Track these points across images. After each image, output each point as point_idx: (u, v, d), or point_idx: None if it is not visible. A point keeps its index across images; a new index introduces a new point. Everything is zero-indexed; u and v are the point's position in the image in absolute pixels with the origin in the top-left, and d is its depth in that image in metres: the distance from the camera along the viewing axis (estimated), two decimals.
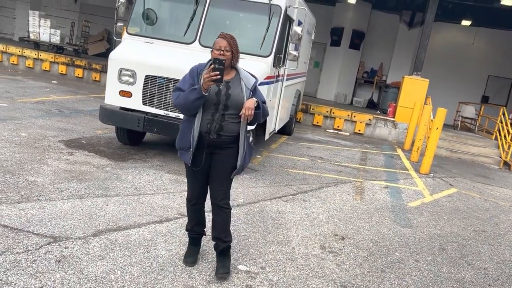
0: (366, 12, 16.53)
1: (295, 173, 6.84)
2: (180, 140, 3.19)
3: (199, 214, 3.42)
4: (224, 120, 3.09)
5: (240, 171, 3.24)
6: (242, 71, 3.20)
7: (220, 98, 3.07)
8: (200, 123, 3.08)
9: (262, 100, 3.20)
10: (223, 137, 3.12)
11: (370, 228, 4.91)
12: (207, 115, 3.08)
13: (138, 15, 6.68)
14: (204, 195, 3.37)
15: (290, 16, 6.91)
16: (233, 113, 3.10)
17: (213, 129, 3.08)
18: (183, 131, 3.16)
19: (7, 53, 15.05)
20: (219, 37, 3.07)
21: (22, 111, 7.97)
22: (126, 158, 6.09)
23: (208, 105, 3.06)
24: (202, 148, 3.12)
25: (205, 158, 3.16)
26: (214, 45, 3.05)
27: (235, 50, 3.09)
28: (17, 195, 4.18)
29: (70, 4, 19.71)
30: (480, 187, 8.21)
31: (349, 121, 12.61)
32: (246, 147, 3.21)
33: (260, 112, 3.10)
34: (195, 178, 3.26)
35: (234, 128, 3.14)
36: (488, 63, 17.00)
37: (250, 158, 3.32)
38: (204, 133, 3.09)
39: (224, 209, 3.25)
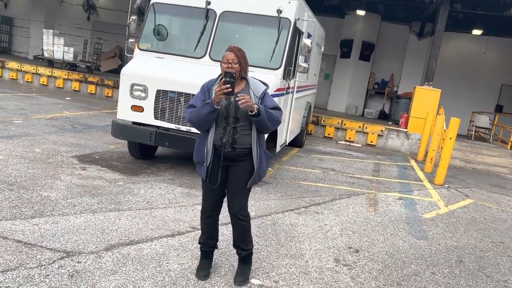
0: (376, 24, 16.55)
1: (307, 185, 6.79)
2: (196, 155, 3.25)
3: (212, 227, 3.42)
4: (237, 133, 3.11)
5: (256, 179, 3.23)
6: (252, 80, 3.21)
7: (229, 111, 3.09)
8: (213, 137, 3.12)
9: (272, 106, 3.17)
10: (237, 150, 3.15)
11: (385, 240, 4.83)
12: (219, 129, 3.12)
13: (149, 31, 6.77)
14: (218, 208, 3.37)
15: (299, 28, 6.94)
16: (244, 124, 3.11)
17: (227, 142, 3.11)
18: (198, 146, 3.22)
19: (22, 71, 15.36)
20: (226, 51, 3.11)
21: (36, 128, 8.09)
22: (138, 172, 6.12)
23: (220, 119, 3.11)
24: (218, 161, 3.16)
25: (222, 171, 3.19)
26: (222, 58, 3.09)
27: (243, 62, 3.11)
28: (31, 210, 4.21)
29: (83, 22, 20.11)
30: (496, 197, 8.04)
31: (360, 133, 12.53)
32: (261, 155, 3.21)
33: (260, 120, 3.04)
34: (210, 191, 3.28)
35: (247, 140, 3.15)
36: (501, 72, 16.82)
37: (267, 166, 3.32)
38: (219, 146, 3.13)
39: (242, 220, 3.28)
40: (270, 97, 3.23)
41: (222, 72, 3.06)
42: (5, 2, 21.21)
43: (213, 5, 6.53)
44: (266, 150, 3.31)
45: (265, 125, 3.12)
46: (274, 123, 3.18)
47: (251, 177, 3.21)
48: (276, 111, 3.18)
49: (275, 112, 3.16)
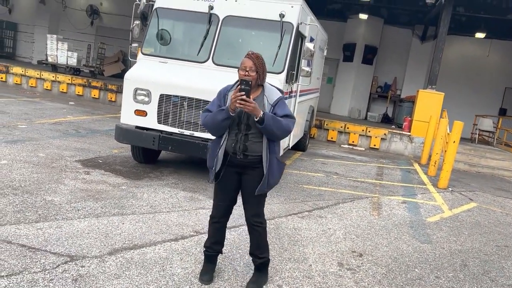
0: (378, 27, 16.57)
1: (311, 189, 6.78)
2: (208, 160, 3.26)
3: (219, 233, 3.43)
4: (248, 140, 3.11)
5: (265, 187, 3.17)
6: (268, 87, 3.20)
7: (241, 118, 3.09)
8: (226, 144, 3.14)
9: (283, 113, 3.11)
10: (249, 157, 3.14)
11: (389, 244, 4.82)
12: (231, 136, 3.13)
13: (152, 36, 6.81)
14: (227, 214, 3.38)
15: (302, 32, 6.96)
16: (255, 132, 3.10)
17: (238, 149, 3.11)
18: (211, 151, 3.23)
19: (26, 76, 15.45)
20: (245, 57, 3.09)
21: (40, 132, 8.12)
22: (141, 177, 6.13)
23: (232, 126, 3.12)
24: (231, 167, 3.17)
25: (234, 178, 3.20)
26: (240, 65, 3.08)
27: (260, 70, 3.09)
28: (35, 214, 4.22)
29: (86, 27, 20.24)
30: (501, 201, 8.01)
31: (364, 136, 12.51)
32: (272, 163, 3.16)
33: (264, 127, 2.99)
34: (221, 196, 3.30)
35: (259, 147, 3.13)
36: (504, 75, 16.78)
37: (279, 175, 3.26)
38: (231, 153, 3.14)
39: (257, 226, 3.30)
40: (283, 105, 3.17)
41: (239, 79, 3.07)
42: (10, 8, 21.38)
43: (216, 9, 6.56)
44: (279, 159, 3.25)
45: (271, 133, 3.06)
46: (282, 131, 3.09)
47: None
48: (287, 119, 3.10)
49: (284, 120, 3.08)
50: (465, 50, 17.03)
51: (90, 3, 20.30)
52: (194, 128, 6.02)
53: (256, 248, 3.37)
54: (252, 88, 3.05)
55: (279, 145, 3.29)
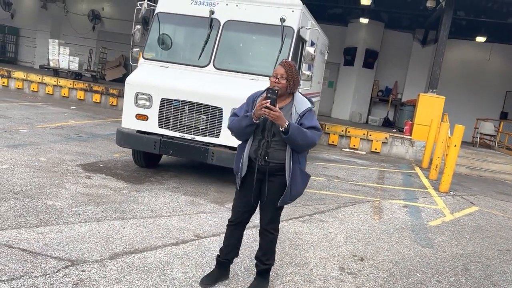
0: (379, 31, 16.59)
1: (312, 193, 6.77)
2: (234, 164, 3.29)
3: (234, 237, 3.41)
4: (270, 147, 3.11)
5: (288, 198, 3.14)
6: (298, 96, 3.19)
7: (266, 125, 3.10)
8: (249, 149, 3.16)
9: (310, 125, 3.06)
10: (271, 164, 3.14)
11: (390, 248, 4.80)
12: (255, 142, 3.15)
13: (153, 41, 6.83)
14: (245, 220, 3.38)
15: (302, 37, 6.98)
16: (279, 139, 3.08)
17: (260, 155, 3.12)
18: (237, 156, 3.26)
19: (27, 80, 15.50)
20: (279, 65, 3.12)
21: (42, 137, 8.14)
22: (142, 181, 6.13)
23: (257, 132, 3.13)
24: (252, 174, 3.18)
25: (256, 185, 3.20)
26: (273, 72, 3.11)
27: (291, 78, 3.08)
28: (36, 218, 4.23)
29: (88, 32, 20.31)
30: (502, 205, 7.99)
31: (365, 140, 12.51)
32: (295, 173, 3.11)
33: (288, 138, 2.96)
34: (240, 200, 3.32)
35: (281, 155, 3.12)
36: (505, 79, 16.77)
37: (303, 187, 3.23)
38: (254, 159, 3.16)
39: (270, 234, 3.33)
40: (311, 116, 3.12)
41: (269, 84, 3.10)
42: (12, 13, 21.48)
43: (217, 14, 6.58)
44: (303, 169, 3.19)
45: (295, 144, 3.03)
46: (306, 143, 3.06)
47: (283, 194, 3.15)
48: (313, 131, 3.06)
49: (310, 132, 3.03)
50: (466, 54, 17.05)
51: (92, 8, 20.39)
52: (195, 132, 6.03)
53: (263, 254, 3.37)
54: (282, 96, 3.06)
55: (305, 156, 3.23)
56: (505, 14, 13.35)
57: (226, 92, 5.94)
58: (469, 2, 12.73)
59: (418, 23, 15.96)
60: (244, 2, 6.62)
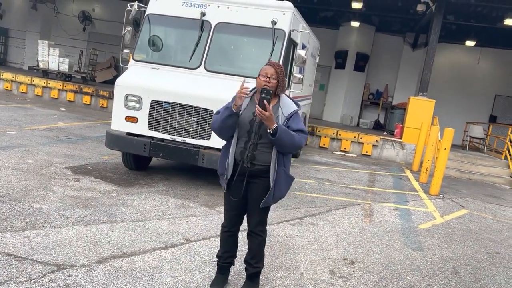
0: (370, 35, 16.69)
1: (303, 196, 6.76)
2: (219, 166, 3.24)
3: (230, 242, 3.37)
4: (257, 149, 3.07)
5: (270, 199, 3.13)
6: (284, 98, 3.16)
7: (253, 127, 3.05)
8: (235, 151, 3.10)
9: (297, 128, 3.05)
10: (256, 166, 3.10)
11: (380, 252, 4.80)
12: (240, 143, 3.10)
13: (144, 42, 6.78)
14: (237, 223, 3.34)
15: (294, 40, 6.97)
16: (266, 142, 3.05)
17: (246, 157, 3.08)
18: (221, 157, 3.21)
19: (16, 81, 15.32)
20: (267, 65, 3.08)
21: (30, 139, 8.03)
22: (132, 184, 6.07)
23: (242, 132, 3.09)
24: (239, 175, 3.12)
25: (241, 186, 3.14)
26: (260, 71, 3.05)
27: (281, 79, 3.06)
28: (22, 222, 4.15)
29: (78, 33, 20.15)
30: (492, 207, 8.04)
31: (356, 143, 12.55)
32: (280, 176, 3.10)
33: (276, 140, 2.93)
34: (230, 204, 3.27)
35: (267, 157, 3.09)
36: (494, 83, 16.97)
37: (287, 189, 3.21)
38: (239, 161, 3.11)
39: (258, 236, 3.28)
40: (297, 119, 3.12)
41: (258, 86, 3.03)
42: (1, 14, 21.24)
43: (208, 16, 6.56)
44: (288, 172, 3.18)
45: (283, 146, 3.02)
46: (293, 146, 3.04)
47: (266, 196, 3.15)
48: (300, 134, 3.05)
49: (297, 136, 3.02)
50: (456, 57, 17.21)
51: (82, 9, 20.23)
52: (185, 134, 5.98)
53: (252, 257, 3.33)
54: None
55: (289, 159, 3.23)
56: (494, 18, 13.50)
57: (216, 94, 5.90)
58: (458, 6, 12.85)
59: (409, 27, 16.08)
60: (235, 4, 6.61)
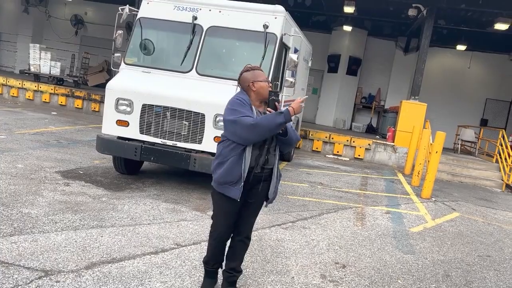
0: (362, 39, 16.77)
1: (295, 199, 6.75)
2: (227, 175, 3.01)
3: (219, 249, 3.28)
4: (269, 153, 3.09)
5: (275, 196, 3.24)
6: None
7: None
8: (250, 157, 3.02)
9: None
10: (265, 171, 3.12)
11: (372, 255, 4.79)
12: (255, 149, 3.04)
13: (135, 46, 6.75)
14: (230, 232, 3.27)
15: (285, 43, 6.98)
16: (274, 144, 3.12)
17: (260, 163, 3.06)
18: (231, 165, 3.00)
19: (7, 85, 15.18)
20: (258, 70, 3.11)
21: (20, 143, 7.95)
22: (123, 188, 6.02)
23: None
24: (246, 183, 3.07)
25: (243, 194, 3.10)
26: (257, 77, 3.06)
27: None
28: (10, 227, 4.09)
29: (70, 36, 20.05)
30: (483, 210, 8.08)
31: (348, 146, 12.57)
32: (279, 174, 3.23)
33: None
34: (229, 214, 3.15)
35: (274, 160, 3.15)
36: (485, 87, 17.10)
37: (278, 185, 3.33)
38: (251, 168, 3.05)
39: (248, 240, 3.32)
40: None
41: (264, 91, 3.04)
42: None
43: (199, 20, 6.55)
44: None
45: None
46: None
47: (265, 198, 3.22)
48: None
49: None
50: (447, 62, 17.34)
51: (74, 12, 20.14)
52: (177, 138, 5.96)
53: (239, 262, 3.31)
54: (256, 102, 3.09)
55: None
56: (484, 23, 13.62)
57: (208, 98, 5.89)
58: (449, 11, 12.95)
59: (401, 31, 16.18)
60: (227, 8, 6.61)
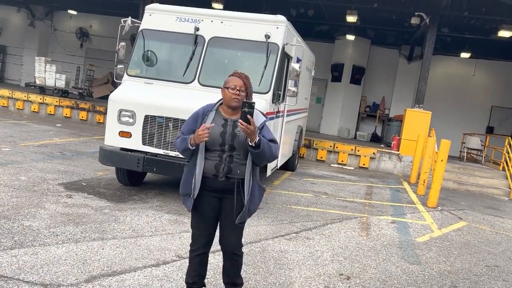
0: (366, 48, 16.77)
1: (299, 209, 6.68)
2: (182, 186, 3.01)
3: (200, 266, 3.14)
4: (233, 161, 2.92)
5: (246, 214, 2.98)
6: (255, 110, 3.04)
7: (225, 139, 2.90)
8: (203, 167, 2.91)
9: (270, 138, 3.00)
10: (231, 180, 2.94)
11: (377, 266, 4.71)
12: (213, 157, 2.91)
13: (138, 57, 6.78)
14: (209, 245, 3.13)
15: (287, 53, 6.98)
16: (240, 153, 2.93)
17: (222, 171, 2.91)
18: (186, 176, 2.99)
19: (13, 98, 15.30)
20: (233, 76, 2.94)
21: (24, 155, 7.97)
22: (125, 199, 6.00)
23: (213, 146, 2.91)
24: (210, 192, 2.95)
25: (214, 204, 2.99)
26: (227, 83, 2.91)
27: (249, 91, 2.97)
28: (11, 240, 4.07)
29: (76, 49, 20.24)
30: (490, 219, 7.96)
31: (353, 155, 12.50)
32: (254, 188, 2.99)
33: (259, 152, 2.84)
34: (200, 225, 3.04)
35: (243, 170, 2.95)
36: (490, 94, 17.00)
37: (260, 201, 3.10)
38: (212, 175, 2.92)
39: (237, 256, 3.13)
40: (268, 129, 3.07)
41: (225, 98, 2.91)
42: None
43: (201, 31, 6.57)
44: (260, 183, 3.09)
45: (263, 158, 2.92)
46: (272, 157, 2.98)
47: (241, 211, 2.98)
48: (274, 144, 2.98)
49: (274, 146, 2.97)
50: (451, 69, 17.28)
51: (79, 25, 20.36)
52: None
53: (234, 276, 3.18)
54: (238, 108, 2.89)
55: (258, 170, 3.13)
56: (488, 30, 13.58)
57: None
58: (452, 19, 12.93)
59: (404, 39, 16.17)
60: (229, 18, 6.64)
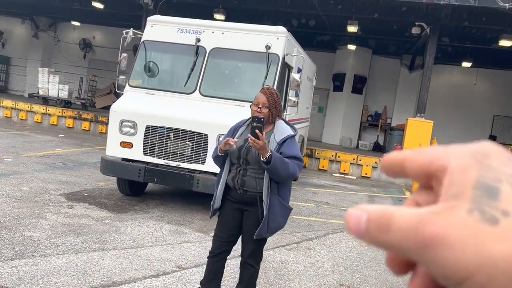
0: (367, 58, 16.84)
1: (300, 219, 6.67)
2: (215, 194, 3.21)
3: (216, 269, 3.20)
4: (246, 175, 3.01)
5: (264, 230, 2.96)
6: (280, 124, 3.09)
7: (241, 152, 3.01)
8: (227, 178, 3.08)
9: (290, 154, 2.95)
10: (248, 193, 3.02)
11: (378, 277, 4.69)
12: (233, 170, 3.07)
13: (139, 68, 6.84)
14: (226, 251, 3.20)
15: (288, 63, 7.02)
16: (255, 167, 2.98)
17: (237, 183, 3.03)
18: (215, 184, 3.19)
19: (16, 109, 15.41)
20: (260, 92, 3.05)
21: (26, 165, 8.01)
22: (126, 210, 6.01)
23: (234, 159, 3.06)
24: (232, 202, 3.09)
25: (236, 214, 3.10)
26: (254, 99, 3.04)
27: (273, 107, 3.00)
28: (11, 251, 4.08)
29: (79, 60, 20.41)
30: None
31: (355, 165, 12.48)
32: (274, 205, 2.96)
33: (270, 168, 2.80)
34: (221, 232, 3.18)
35: (259, 184, 2.98)
36: (492, 103, 16.99)
37: (284, 220, 3.08)
38: (232, 187, 3.07)
39: (249, 266, 3.16)
40: (291, 145, 3.02)
41: (251, 114, 3.02)
42: (3, 42, 21.57)
43: (203, 42, 6.63)
44: (284, 202, 3.03)
45: (276, 174, 2.89)
46: (287, 175, 2.92)
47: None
48: (294, 161, 2.93)
49: (291, 163, 2.90)
50: (453, 79, 17.31)
51: (83, 36, 20.55)
52: (180, 159, 5.96)
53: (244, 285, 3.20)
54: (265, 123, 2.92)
55: (289, 187, 3.10)
56: (489, 40, 13.62)
57: (211, 119, 5.91)
58: (453, 28, 12.99)
59: (405, 49, 16.24)
60: (230, 30, 6.69)
